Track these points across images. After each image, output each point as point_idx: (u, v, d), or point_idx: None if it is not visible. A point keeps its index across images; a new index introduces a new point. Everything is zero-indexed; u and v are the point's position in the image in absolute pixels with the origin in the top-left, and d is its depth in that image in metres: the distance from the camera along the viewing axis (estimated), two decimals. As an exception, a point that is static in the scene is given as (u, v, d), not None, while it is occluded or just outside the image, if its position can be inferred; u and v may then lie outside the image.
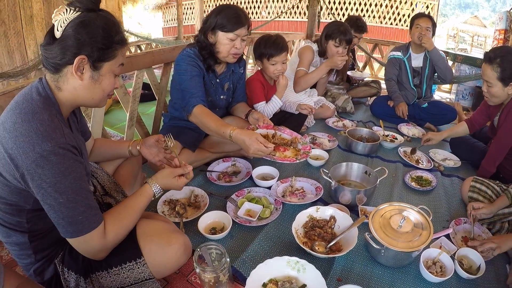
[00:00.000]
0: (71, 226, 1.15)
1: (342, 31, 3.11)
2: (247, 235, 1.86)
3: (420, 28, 3.40)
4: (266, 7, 12.57)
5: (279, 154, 2.16)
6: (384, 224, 1.64)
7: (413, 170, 2.59)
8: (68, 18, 1.14)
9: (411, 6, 10.21)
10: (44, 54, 1.19)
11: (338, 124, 3.53)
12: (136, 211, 1.38)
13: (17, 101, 1.18)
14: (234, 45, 2.21)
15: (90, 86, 1.24)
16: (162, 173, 1.51)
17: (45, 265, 1.34)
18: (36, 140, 1.08)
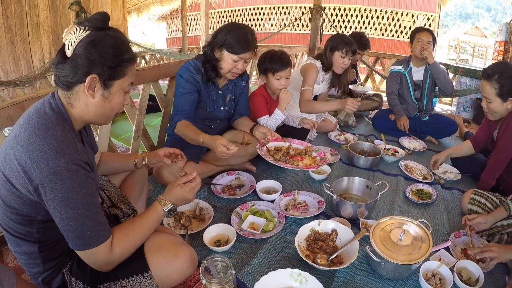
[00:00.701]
0: (79, 239, 1.18)
1: (347, 42, 3.16)
2: (251, 248, 1.89)
3: (422, 42, 3.45)
4: (269, 19, 12.66)
5: (301, 163, 2.27)
6: (385, 237, 1.68)
7: (413, 183, 2.62)
8: (79, 37, 1.18)
9: (412, 18, 10.28)
10: (56, 73, 1.23)
11: (340, 138, 3.57)
12: (145, 229, 1.40)
13: (30, 115, 1.21)
14: (236, 65, 2.30)
15: (101, 104, 1.28)
16: (168, 187, 1.54)
17: (53, 275, 1.37)
18: (50, 155, 1.11)
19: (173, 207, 1.50)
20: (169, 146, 2.45)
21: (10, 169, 1.16)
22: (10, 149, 1.17)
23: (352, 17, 10.96)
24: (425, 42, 3.44)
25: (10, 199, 1.19)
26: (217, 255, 1.43)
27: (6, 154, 1.17)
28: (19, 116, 1.79)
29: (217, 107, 2.56)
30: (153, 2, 12.22)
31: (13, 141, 1.17)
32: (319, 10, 5.74)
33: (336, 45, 3.17)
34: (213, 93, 2.50)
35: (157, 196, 2.28)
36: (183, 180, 1.54)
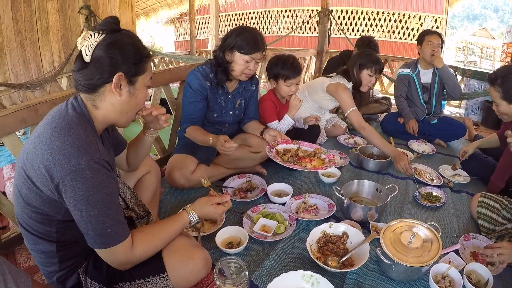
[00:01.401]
0: (99, 237, 1.20)
1: (375, 60, 3.10)
2: (262, 250, 1.92)
3: (432, 44, 3.46)
4: (277, 22, 12.70)
5: (310, 164, 2.31)
6: (395, 240, 1.70)
7: (423, 186, 2.63)
8: (95, 42, 1.22)
9: (419, 20, 10.27)
10: (78, 78, 1.26)
11: (349, 141, 3.60)
12: (168, 236, 1.45)
13: (53, 116, 1.24)
14: (248, 66, 2.34)
15: (127, 101, 1.33)
16: (200, 201, 1.59)
17: (69, 274, 1.39)
18: (72, 153, 1.13)
19: (199, 220, 1.56)
20: (180, 149, 2.56)
21: (32, 167, 1.18)
22: (32, 147, 1.19)
23: (360, 19, 10.97)
24: (435, 45, 3.45)
25: (30, 198, 1.22)
26: (231, 257, 1.46)
27: (29, 153, 1.20)
28: (32, 119, 1.89)
29: (226, 112, 2.60)
30: (161, 5, 12.30)
31: (35, 140, 1.20)
32: (327, 13, 5.77)
33: (365, 63, 3.11)
34: (222, 98, 2.54)
35: (169, 198, 2.42)
36: (217, 200, 1.61)
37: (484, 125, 4.65)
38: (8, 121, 1.84)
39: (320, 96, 3.33)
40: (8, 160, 3.67)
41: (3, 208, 1.96)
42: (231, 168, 2.70)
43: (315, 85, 3.38)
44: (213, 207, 1.59)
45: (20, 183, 1.24)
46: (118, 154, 1.75)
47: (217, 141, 2.25)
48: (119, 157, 1.79)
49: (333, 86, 3.18)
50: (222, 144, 2.20)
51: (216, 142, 2.25)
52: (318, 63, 6.21)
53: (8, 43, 6.38)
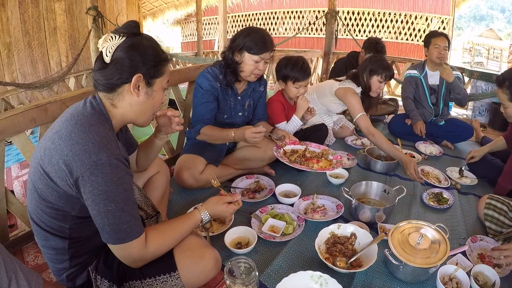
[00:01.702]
0: (115, 233, 1.23)
1: (386, 66, 3.08)
2: (271, 250, 1.94)
3: (439, 48, 3.44)
4: (283, 23, 12.70)
5: (316, 165, 2.33)
6: (403, 241, 1.71)
7: (430, 188, 2.64)
8: (116, 44, 1.27)
9: (426, 21, 10.23)
10: (98, 77, 1.31)
11: (357, 143, 3.60)
12: (181, 234, 1.47)
13: (72, 114, 1.28)
14: (257, 66, 2.35)
15: (144, 102, 1.37)
16: (212, 200, 1.61)
17: (79, 272, 1.41)
18: (92, 149, 1.17)
19: (210, 219, 1.58)
20: (188, 149, 2.57)
21: (50, 162, 1.20)
22: (50, 143, 1.22)
23: (366, 20, 10.93)
24: (442, 48, 3.43)
25: (46, 193, 1.24)
26: (241, 257, 1.48)
27: (46, 149, 1.22)
28: (42, 119, 1.93)
29: (235, 113, 2.62)
30: (167, 6, 12.32)
31: (54, 136, 1.22)
32: (334, 14, 5.77)
33: (376, 69, 3.08)
34: (231, 99, 2.55)
35: (177, 198, 2.45)
36: (228, 199, 1.64)
37: (491, 127, 4.63)
38: (17, 120, 1.86)
39: (329, 99, 3.34)
40: (16, 159, 3.71)
41: (11, 207, 1.99)
42: (239, 169, 2.72)
43: (324, 88, 3.38)
44: (224, 206, 1.62)
45: (36, 179, 1.26)
46: (129, 154, 1.77)
47: (244, 132, 2.26)
48: (130, 158, 1.79)
49: (342, 91, 3.17)
50: (253, 131, 2.23)
51: (243, 133, 2.26)
52: (325, 64, 6.22)
53: (16, 43, 6.51)
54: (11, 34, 6.43)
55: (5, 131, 1.83)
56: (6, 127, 1.82)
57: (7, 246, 1.93)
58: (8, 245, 2.00)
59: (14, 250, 2.05)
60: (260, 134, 2.24)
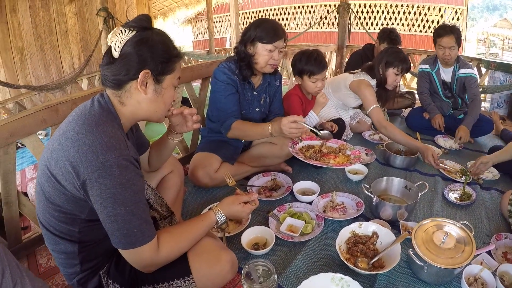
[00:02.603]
0: (125, 237, 1.18)
1: (403, 59, 3.01)
2: (289, 251, 1.88)
3: (443, 49, 3.30)
4: (295, 18, 12.65)
5: (333, 161, 2.24)
6: (427, 240, 1.65)
7: (452, 183, 2.56)
8: (125, 38, 1.22)
9: (439, 12, 10.07)
10: (105, 73, 1.26)
11: (374, 137, 3.53)
12: (194, 236, 1.42)
13: (79, 113, 1.23)
14: (272, 56, 2.31)
15: (153, 99, 1.32)
16: (227, 200, 1.57)
17: (90, 276, 1.38)
18: (100, 150, 1.12)
19: (226, 220, 1.54)
20: (203, 147, 2.55)
21: (56, 164, 1.16)
22: (57, 145, 1.18)
23: (378, 13, 10.82)
24: (447, 49, 3.28)
25: (54, 196, 1.21)
26: (259, 260, 1.43)
27: (53, 150, 1.18)
28: (53, 119, 1.91)
29: (252, 109, 2.57)
30: (178, 5, 12.34)
31: (61, 137, 1.19)
32: (346, 7, 5.67)
33: (392, 61, 3.00)
34: (249, 94, 2.51)
35: (192, 198, 2.42)
36: (244, 199, 1.60)
37: (510, 119, 4.50)
38: (28, 122, 1.84)
39: (344, 93, 3.28)
40: (30, 161, 3.73)
41: (24, 209, 1.97)
42: (255, 166, 2.67)
43: (339, 82, 3.32)
44: (240, 206, 1.57)
45: (43, 181, 1.23)
46: (140, 154, 1.73)
47: (278, 128, 2.10)
48: (142, 158, 1.78)
49: (356, 83, 3.12)
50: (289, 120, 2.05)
51: (280, 128, 2.09)
52: (339, 58, 6.12)
53: (28, 47, 6.60)
54: (23, 38, 6.50)
55: (16, 133, 1.80)
56: (17, 129, 1.80)
57: (20, 248, 2.00)
58: (21, 247, 2.01)
59: (27, 252, 2.04)
60: (296, 124, 2.06)
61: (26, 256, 2.03)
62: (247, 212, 1.61)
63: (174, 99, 1.43)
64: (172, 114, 1.57)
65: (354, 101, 3.34)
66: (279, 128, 2.10)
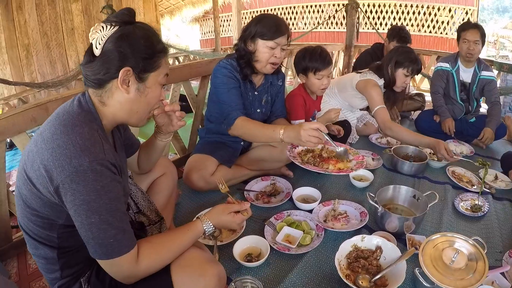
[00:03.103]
0: (100, 247, 1.10)
1: (414, 59, 2.88)
2: (285, 264, 1.75)
3: (468, 43, 3.19)
4: (303, 18, 12.54)
5: (332, 167, 2.07)
6: (436, 257, 1.50)
7: (462, 192, 2.41)
8: (106, 34, 1.13)
9: (450, 13, 9.89)
10: (85, 73, 1.18)
11: (381, 141, 3.39)
12: (178, 247, 1.30)
13: (58, 113, 1.16)
14: (273, 54, 2.17)
15: (136, 99, 1.22)
16: (217, 209, 1.46)
17: (71, 283, 1.28)
18: (74, 153, 1.04)
19: (215, 230, 1.43)
20: (200, 148, 2.45)
21: (32, 167, 1.09)
22: (34, 146, 1.11)
23: (387, 13, 10.66)
24: (472, 43, 3.17)
25: (30, 200, 1.13)
26: (246, 277, 1.36)
27: (30, 152, 1.12)
28: (43, 118, 1.84)
29: (254, 109, 2.44)
30: (185, 4, 12.36)
31: (37, 138, 1.12)
32: (355, 5, 5.55)
33: (402, 61, 2.88)
34: (250, 93, 2.39)
35: (186, 201, 2.30)
36: (235, 208, 1.48)
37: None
38: (17, 120, 1.80)
39: (350, 93, 3.14)
40: (24, 161, 3.64)
41: (13, 208, 1.93)
42: (254, 170, 2.55)
43: (345, 82, 3.19)
44: (230, 216, 1.45)
45: (21, 184, 1.16)
46: (130, 155, 1.65)
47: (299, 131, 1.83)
48: (131, 159, 1.69)
49: (363, 83, 2.99)
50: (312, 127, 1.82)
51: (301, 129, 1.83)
52: (346, 58, 5.99)
53: (34, 44, 6.67)
54: (29, 35, 6.57)
55: (5, 131, 1.77)
56: (6, 127, 1.77)
57: (10, 247, 1.97)
58: (11, 246, 1.97)
59: (18, 252, 1.99)
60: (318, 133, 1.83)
61: (16, 255, 1.99)
62: (238, 223, 1.48)
63: (161, 98, 1.34)
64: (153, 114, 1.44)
65: (360, 102, 3.20)
66: (296, 134, 1.85)
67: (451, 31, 9.86)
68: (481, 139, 3.22)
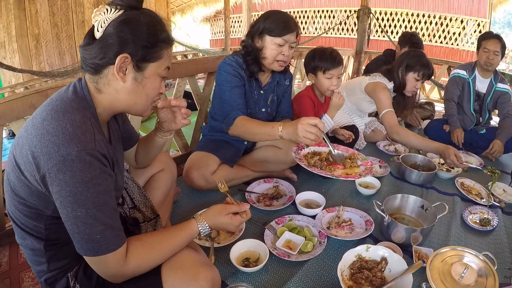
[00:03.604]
0: (86, 243, 1.04)
1: (425, 64, 2.83)
2: (284, 271, 1.67)
3: (488, 52, 3.12)
4: (313, 22, 12.50)
5: (340, 171, 1.98)
6: (444, 272, 1.43)
7: (471, 205, 2.33)
8: (109, 17, 1.08)
9: (461, 24, 9.81)
10: (83, 55, 1.12)
11: (389, 148, 3.30)
12: (171, 248, 1.23)
13: (51, 98, 1.12)
14: (281, 51, 2.11)
15: (133, 89, 1.16)
16: (214, 209, 1.39)
17: (58, 277, 1.24)
18: (62, 141, 0.98)
19: (210, 231, 1.35)
20: (202, 146, 2.39)
21: (21, 153, 1.05)
22: (24, 131, 1.06)
23: (399, 21, 10.60)
24: (492, 52, 3.10)
25: (18, 187, 1.09)
26: (242, 284, 1.29)
27: (20, 137, 1.07)
28: None
29: (259, 108, 2.38)
30: (196, 2, 12.39)
31: (28, 123, 1.08)
32: (367, 11, 5.49)
33: (413, 65, 2.84)
34: (255, 92, 2.32)
35: (185, 200, 2.23)
36: (234, 209, 1.41)
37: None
38: (16, 105, 1.78)
39: (359, 97, 3.07)
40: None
41: None
42: (257, 171, 2.47)
43: (354, 85, 3.13)
44: (228, 217, 1.39)
45: (10, 170, 1.11)
46: (128, 148, 1.59)
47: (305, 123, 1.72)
48: (129, 152, 1.63)
49: (372, 86, 2.93)
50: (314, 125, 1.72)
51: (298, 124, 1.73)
52: (356, 64, 5.93)
53: (44, 35, 6.75)
54: (39, 25, 6.62)
55: (2, 116, 1.75)
56: (5, 113, 1.75)
57: (3, 235, 1.94)
58: (4, 234, 1.94)
59: (10, 240, 1.95)
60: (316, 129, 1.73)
61: (9, 244, 1.95)
62: (236, 225, 1.41)
63: (161, 92, 1.26)
64: (157, 107, 1.37)
65: (369, 106, 3.14)
66: (294, 129, 1.77)
67: (462, 42, 9.77)
68: (490, 151, 3.15)
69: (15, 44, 6.30)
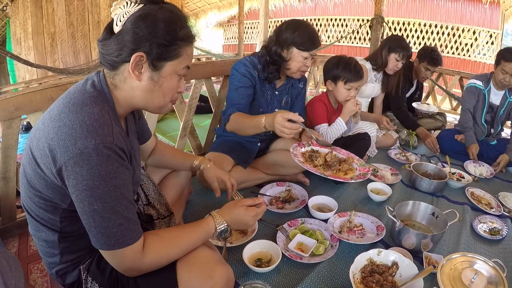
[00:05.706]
0: (103, 237, 1.04)
1: (405, 46, 3.23)
2: (296, 272, 1.70)
3: (505, 74, 3.04)
4: (326, 31, 12.49)
5: (330, 171, 2.02)
6: (454, 277, 1.45)
7: (481, 214, 2.34)
8: (129, 11, 1.06)
9: (474, 35, 9.76)
10: (101, 50, 1.11)
11: (400, 157, 3.32)
12: (188, 244, 1.23)
13: (69, 91, 1.12)
14: (305, 63, 2.21)
15: (149, 89, 1.14)
16: (228, 204, 1.39)
17: (69, 269, 1.25)
18: (80, 133, 0.98)
19: (227, 228, 1.33)
20: (216, 147, 2.42)
21: (37, 146, 1.05)
22: (41, 124, 1.06)
23: (411, 31, 10.58)
24: (509, 76, 3.03)
25: (34, 180, 1.09)
26: (257, 282, 1.28)
27: (37, 129, 1.07)
28: None
29: (271, 108, 2.42)
30: (210, 7, 12.39)
31: (46, 115, 1.07)
32: (380, 20, 5.50)
33: (395, 47, 3.23)
34: (268, 92, 2.37)
35: (198, 199, 2.27)
36: (248, 202, 1.39)
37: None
38: (35, 98, 1.83)
39: None
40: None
41: None
42: (270, 174, 2.50)
43: None
44: (243, 209, 1.37)
45: (26, 162, 1.11)
46: (139, 144, 1.58)
47: (271, 119, 1.84)
48: (142, 147, 1.63)
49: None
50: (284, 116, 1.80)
51: (274, 119, 1.82)
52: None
53: (60, 33, 6.81)
54: (55, 24, 6.68)
55: (21, 107, 1.79)
56: (23, 104, 1.79)
57: (13, 226, 2.01)
58: (15, 225, 2.00)
59: (20, 232, 2.02)
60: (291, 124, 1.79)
61: (18, 235, 2.01)
62: (252, 216, 1.38)
63: (180, 90, 1.24)
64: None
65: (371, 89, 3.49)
66: (272, 119, 1.85)
67: (474, 53, 9.73)
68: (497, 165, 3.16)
69: (31, 41, 6.38)
